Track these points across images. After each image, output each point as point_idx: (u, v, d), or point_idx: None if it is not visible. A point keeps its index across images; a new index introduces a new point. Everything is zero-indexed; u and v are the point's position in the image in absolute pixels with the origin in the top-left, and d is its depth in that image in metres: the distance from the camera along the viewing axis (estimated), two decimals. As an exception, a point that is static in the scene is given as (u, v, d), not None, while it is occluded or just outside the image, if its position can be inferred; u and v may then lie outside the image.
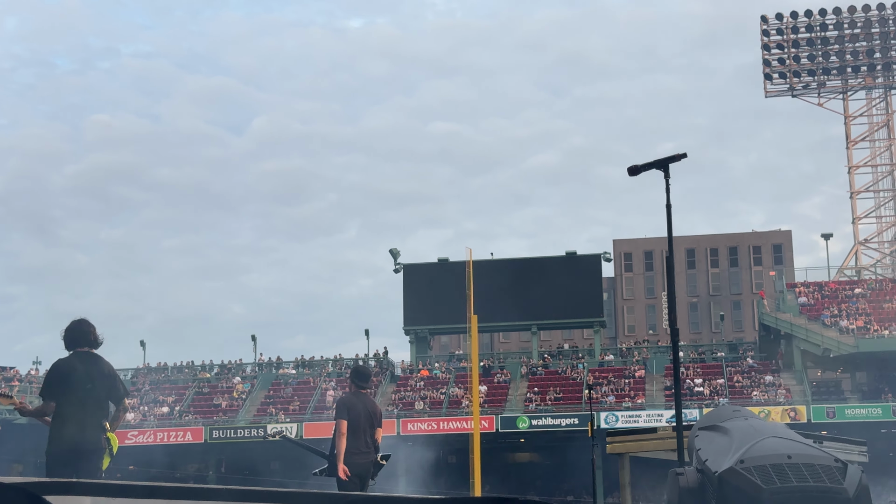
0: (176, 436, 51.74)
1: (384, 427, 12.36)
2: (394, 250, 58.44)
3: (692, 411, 45.56)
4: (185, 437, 51.64)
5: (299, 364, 58.88)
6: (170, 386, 57.44)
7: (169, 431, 52.01)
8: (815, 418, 47.20)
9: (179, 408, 54.66)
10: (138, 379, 58.50)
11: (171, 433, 51.89)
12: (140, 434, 51.85)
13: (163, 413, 54.20)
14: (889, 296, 53.59)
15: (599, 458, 15.69)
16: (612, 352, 59.59)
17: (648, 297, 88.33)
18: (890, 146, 64.75)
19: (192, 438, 51.52)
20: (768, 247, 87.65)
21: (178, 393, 56.38)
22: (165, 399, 55.55)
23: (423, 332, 58.15)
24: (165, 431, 52.01)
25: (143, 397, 55.95)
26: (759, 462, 5.29)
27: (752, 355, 56.05)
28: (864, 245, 65.06)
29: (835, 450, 10.89)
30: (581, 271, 56.28)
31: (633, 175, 9.20)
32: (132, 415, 53.87)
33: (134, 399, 55.84)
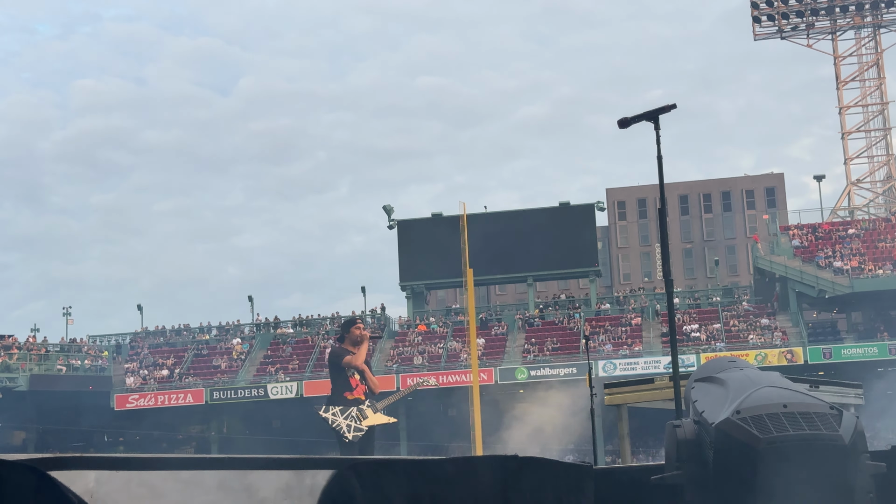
0: (177, 398, 51.97)
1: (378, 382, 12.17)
2: (387, 206, 58.41)
3: (689, 356, 45.83)
4: (186, 399, 51.87)
5: (297, 323, 59.03)
6: (168, 349, 57.60)
7: (170, 394, 52.22)
8: (812, 359, 47.49)
9: (179, 370, 54.85)
10: (137, 343, 58.65)
11: (172, 396, 52.12)
12: (141, 398, 52.08)
13: (163, 376, 54.40)
14: (882, 235, 53.72)
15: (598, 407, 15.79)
16: (609, 300, 59.77)
17: (643, 245, 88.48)
18: (880, 85, 64.63)
19: (192, 400, 51.75)
20: (761, 190, 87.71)
21: (178, 356, 56.56)
22: (165, 362, 55.72)
23: (420, 287, 58.27)
24: (166, 394, 52.24)
25: (143, 361, 56.12)
26: (755, 412, 5.33)
27: (747, 299, 56.28)
28: (856, 185, 65.14)
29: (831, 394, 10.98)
30: (575, 221, 56.32)
31: (623, 128, 9.19)
32: (132, 379, 54.09)
33: (133, 363, 56.04)
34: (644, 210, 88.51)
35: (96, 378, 54.63)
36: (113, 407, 52.08)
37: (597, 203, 57.57)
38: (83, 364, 55.43)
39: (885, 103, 64.52)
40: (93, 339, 59.25)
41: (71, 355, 55.85)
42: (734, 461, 5.31)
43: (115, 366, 55.95)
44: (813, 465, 5.18)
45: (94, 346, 58.10)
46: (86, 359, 55.95)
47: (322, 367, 52.98)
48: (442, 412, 54.52)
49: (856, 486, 5.34)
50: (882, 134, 64.91)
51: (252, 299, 61.48)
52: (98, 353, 57.03)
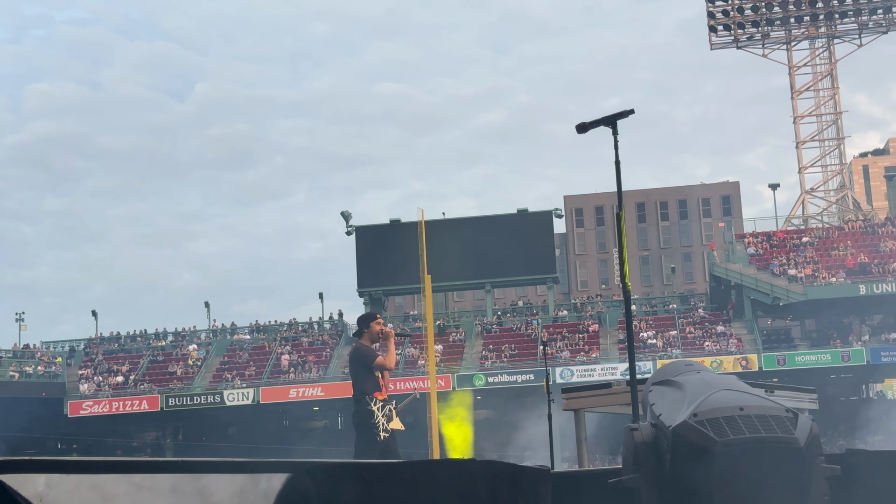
0: (132, 405, 51.49)
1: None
2: (345, 212, 58.25)
3: (646, 363, 46.03)
4: (141, 405, 51.41)
5: (254, 329, 58.72)
6: (123, 355, 57.07)
7: (124, 401, 51.74)
8: (767, 366, 47.87)
9: (134, 377, 54.35)
10: (91, 349, 58.07)
11: (127, 402, 51.64)
12: (95, 404, 51.55)
13: (117, 383, 53.87)
14: (836, 243, 54.31)
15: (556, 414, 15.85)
16: (566, 307, 59.98)
17: (600, 252, 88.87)
18: (834, 95, 65.33)
19: (147, 407, 51.30)
20: (717, 198, 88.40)
21: (133, 362, 56.05)
22: (119, 368, 55.20)
23: (378, 293, 58.14)
24: (121, 401, 51.74)
25: (97, 367, 55.56)
26: (711, 415, 5.35)
27: (703, 306, 56.66)
28: (810, 194, 65.79)
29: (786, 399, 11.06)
30: (533, 228, 56.45)
31: (581, 133, 9.20)
32: (86, 385, 53.53)
33: (88, 369, 55.46)
34: (601, 217, 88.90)
35: (50, 384, 54.01)
36: (67, 414, 51.51)
37: (554, 210, 57.73)
38: (36, 370, 54.76)
39: (839, 113, 65.24)
40: (46, 346, 58.58)
41: (24, 361, 55.15)
42: (691, 463, 5.31)
43: (69, 372, 55.34)
44: (768, 468, 5.20)
45: (48, 353, 57.42)
46: (39, 365, 55.27)
47: (279, 374, 52.74)
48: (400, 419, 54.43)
49: (811, 489, 5.37)
50: (835, 143, 65.62)
51: (208, 305, 61.14)
52: (52, 360, 56.37)
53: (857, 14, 63.29)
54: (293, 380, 52.04)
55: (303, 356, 54.20)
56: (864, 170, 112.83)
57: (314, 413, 56.47)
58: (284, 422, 57.29)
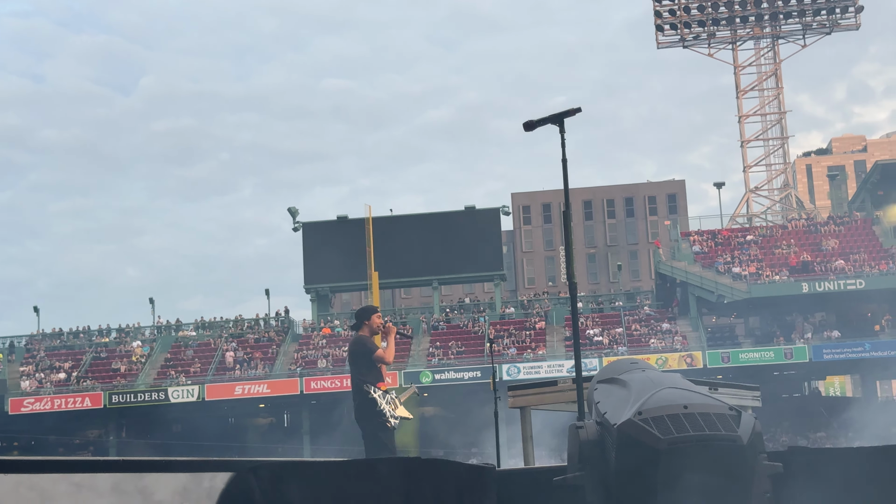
0: (74, 402, 50.84)
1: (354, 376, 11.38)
2: (292, 209, 57.99)
3: (592, 361, 46.30)
4: (84, 402, 50.78)
5: (199, 326, 58.27)
6: (66, 352, 56.37)
7: (67, 398, 51.07)
8: (711, 363, 48.33)
9: (77, 373, 53.69)
10: (33, 345, 57.30)
11: (70, 399, 50.97)
12: (37, 401, 50.86)
13: (60, 379, 53.20)
14: (779, 242, 54.95)
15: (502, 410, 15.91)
16: (513, 304, 60.16)
17: (547, 250, 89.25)
18: (778, 95, 66.11)
19: (91, 404, 50.68)
20: (663, 196, 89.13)
21: (75, 358, 55.38)
22: (62, 365, 54.51)
23: (325, 290, 57.96)
24: (63, 398, 51.07)
25: (39, 364, 54.81)
26: (656, 413, 5.37)
27: (649, 304, 57.09)
28: (754, 193, 66.55)
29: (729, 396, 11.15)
30: (480, 225, 56.56)
31: (528, 131, 9.21)
32: (28, 382, 52.81)
33: (29, 366, 54.71)
34: (549, 215, 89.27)
35: (-10, 381, 53.22)
36: (7, 411, 50.76)
37: (502, 207, 57.88)
38: (-24, 367, 53.96)
39: (783, 113, 66.03)
40: (-13, 342, 57.74)
41: (-36, 358, 54.34)
42: (635, 461, 5.34)
43: (10, 369, 54.54)
44: (712, 466, 5.23)
45: (-11, 349, 56.61)
46: (-21, 361, 54.49)
47: (224, 371, 52.37)
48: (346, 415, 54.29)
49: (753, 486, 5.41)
50: (780, 143, 66.42)
51: (153, 301, 60.54)
52: (-8, 356, 55.57)
53: (801, 15, 64.10)
54: (239, 377, 51.71)
55: (249, 353, 53.89)
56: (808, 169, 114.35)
57: (260, 410, 56.17)
58: (230, 419, 56.93)
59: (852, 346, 49.08)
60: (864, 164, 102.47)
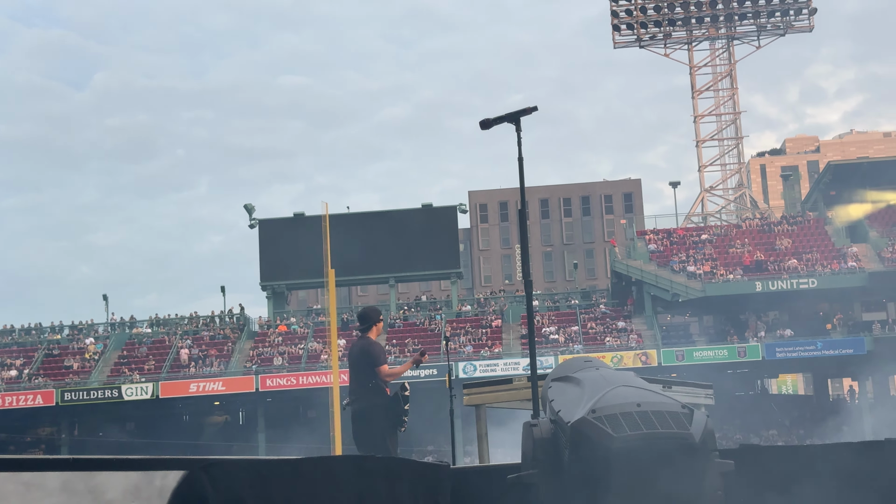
0: (26, 399, 50.29)
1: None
2: (248, 205, 57.70)
3: (548, 359, 46.46)
4: (36, 400, 50.24)
5: (154, 323, 57.81)
6: (18, 349, 55.73)
7: (18, 395, 50.51)
8: (666, 361, 48.66)
9: (29, 371, 53.12)
10: (-16, 343, 56.60)
11: (21, 397, 50.42)
12: (-12, 399, 50.27)
13: (11, 377, 52.60)
14: (733, 241, 55.42)
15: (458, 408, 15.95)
16: (469, 302, 60.21)
17: (504, 248, 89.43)
18: (733, 95, 66.68)
19: (42, 401, 50.15)
20: (619, 196, 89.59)
21: (27, 355, 54.77)
22: (13, 362, 53.90)
23: (281, 287, 57.73)
24: (14, 395, 50.51)
25: (-10, 361, 54.19)
26: (609, 411, 5.40)
27: (604, 302, 57.37)
28: (709, 192, 67.09)
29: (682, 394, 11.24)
30: (437, 223, 56.58)
31: (485, 129, 9.22)
32: (-21, 380, 52.18)
33: (-20, 363, 54.06)
34: (505, 213, 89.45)
35: (-60, 379, 52.52)
36: (-43, 408, 50.15)
37: (459, 205, 57.93)
38: (-74, 364, 53.22)
39: (738, 113, 66.62)
40: (-63, 339, 56.94)
41: (-87, 355, 53.56)
42: (589, 459, 5.36)
43: (-39, 366, 53.87)
44: (664, 463, 5.26)
45: (-61, 346, 55.83)
46: (-71, 359, 53.74)
47: (179, 369, 52.02)
48: (302, 413, 54.09)
49: (705, 484, 5.45)
50: (734, 143, 67.01)
51: (107, 298, 59.99)
52: (-58, 353, 54.82)
53: (756, 17, 64.71)
54: (194, 374, 51.38)
55: (204, 350, 53.55)
56: (762, 169, 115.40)
57: (215, 408, 55.85)
58: (184, 416, 56.57)
59: (804, 345, 49.61)
60: (818, 165, 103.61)
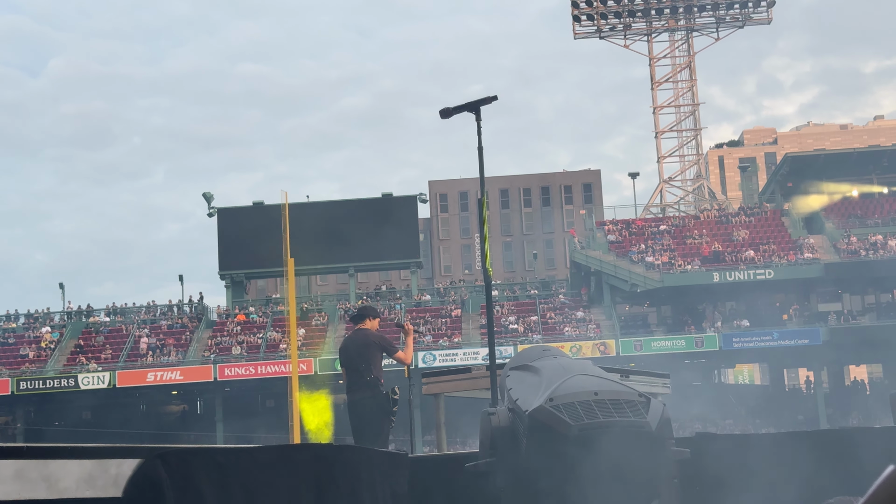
0: (-20, 388, 49.75)
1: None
2: (207, 194, 57.36)
3: (507, 348, 46.57)
4: (-9, 389, 49.72)
5: (111, 312, 57.36)
6: (-28, 338, 55.12)
7: (-27, 384, 49.95)
8: (624, 351, 48.91)
9: (-17, 360, 52.53)
10: (-62, 331, 55.90)
11: (-24, 386, 49.86)
12: (-59, 388, 49.65)
13: (-35, 366, 52.01)
14: (691, 231, 55.79)
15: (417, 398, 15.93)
16: (429, 292, 60.23)
17: (464, 238, 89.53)
18: (692, 87, 67.07)
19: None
20: (578, 186, 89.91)
21: (-18, 345, 54.19)
22: (-32, 351, 53.31)
23: (240, 276, 57.47)
24: (-31, 385, 49.94)
25: (-56, 350, 53.56)
26: (567, 399, 5.43)
27: (564, 292, 57.57)
28: (668, 183, 67.47)
29: (640, 384, 11.30)
30: (397, 213, 56.53)
31: (444, 118, 9.23)
32: (-68, 369, 51.53)
33: (-66, 352, 53.41)
34: (465, 203, 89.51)
35: None
36: (-89, 398, 49.52)
37: (419, 195, 57.90)
38: None
39: (696, 105, 67.02)
40: None
41: None
42: (546, 447, 5.38)
43: (-86, 355, 53.20)
44: (621, 451, 5.30)
45: None
46: None
47: (136, 358, 51.66)
48: (260, 403, 53.92)
49: (661, 471, 5.50)
50: (693, 134, 67.41)
51: (63, 286, 59.45)
52: None
53: (714, 8, 65.10)
54: (151, 363, 51.05)
55: (162, 339, 53.22)
56: (720, 160, 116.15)
57: (173, 397, 55.55)
58: (142, 406, 56.20)
59: (761, 335, 50.03)
60: (775, 157, 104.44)
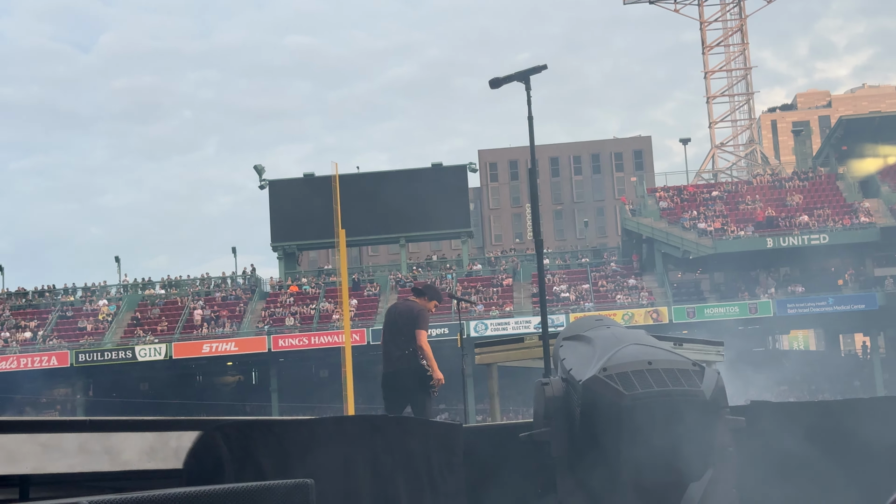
0: (41, 361, 50.59)
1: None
2: (258, 166, 57.70)
3: (559, 317, 46.53)
4: (51, 361, 50.55)
5: (166, 284, 58.01)
6: (31, 311, 56.02)
7: (33, 357, 50.83)
8: (677, 318, 48.68)
9: (43, 332, 53.42)
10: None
11: (36, 358, 50.72)
12: (2, 360, 50.59)
13: (25, 339, 52.91)
14: (744, 197, 55.25)
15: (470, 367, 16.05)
16: (480, 261, 60.24)
17: (514, 206, 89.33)
18: (744, 51, 66.21)
19: (57, 363, 50.46)
20: (629, 153, 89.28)
21: (41, 318, 55.06)
22: (27, 324, 54.21)
23: (291, 247, 57.81)
24: (29, 357, 50.82)
25: (5, 323, 54.50)
26: (620, 369, 5.43)
27: (615, 260, 57.34)
28: (720, 148, 66.80)
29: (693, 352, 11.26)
30: (447, 182, 56.51)
31: (494, 88, 9.21)
32: (-7, 342, 52.50)
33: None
34: (515, 172, 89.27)
35: (-45, 341, 52.83)
36: (-27, 370, 50.49)
37: (469, 164, 57.82)
38: (-59, 327, 53.52)
39: (748, 68, 66.18)
40: (-49, 302, 57.22)
41: (-73, 318, 53.84)
42: (600, 417, 5.40)
43: (-25, 328, 54.17)
44: (675, 420, 5.30)
45: (-47, 309, 56.11)
46: (-57, 321, 54.05)
47: (192, 329, 52.27)
48: (314, 373, 54.37)
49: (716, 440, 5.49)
50: (745, 98, 66.61)
51: (119, 260, 60.24)
52: (-44, 316, 55.11)
53: (767, -29, 64.13)
54: (206, 335, 51.62)
55: (216, 311, 53.76)
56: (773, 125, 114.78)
57: (228, 368, 56.15)
58: (198, 377, 56.88)
59: (816, 301, 49.55)
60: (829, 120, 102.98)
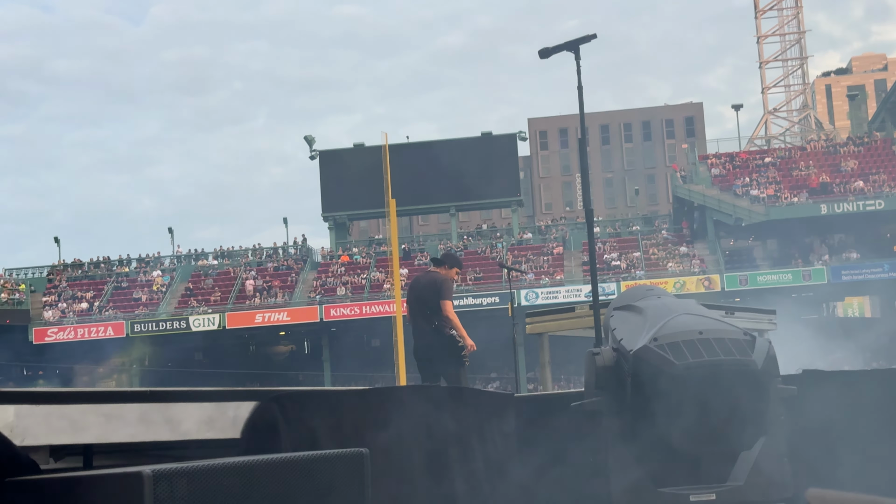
0: (97, 331, 51.38)
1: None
2: (309, 137, 57.91)
3: (610, 285, 46.40)
4: (107, 332, 51.32)
5: (219, 255, 58.54)
6: (88, 282, 56.82)
7: (90, 327, 51.61)
8: (729, 286, 48.37)
9: (99, 303, 54.20)
10: (55, 276, 57.73)
11: (92, 329, 51.51)
12: (60, 331, 51.43)
13: (82, 309, 53.72)
14: (798, 163, 54.64)
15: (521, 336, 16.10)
16: (530, 230, 60.16)
17: (564, 175, 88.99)
18: (797, 14, 65.30)
19: (113, 333, 51.22)
20: (680, 120, 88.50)
21: (97, 289, 55.84)
22: (84, 295, 55.01)
23: (342, 217, 58.07)
24: (86, 327, 51.62)
25: (61, 294, 55.35)
26: (671, 339, 5.45)
27: (666, 228, 57.01)
28: (773, 114, 66.07)
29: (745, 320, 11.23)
30: (497, 151, 56.41)
31: (544, 58, 9.21)
32: (51, 312, 53.36)
33: (52, 296, 55.26)
34: (566, 140, 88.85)
35: (13, 312, 53.72)
36: (32, 341, 51.38)
37: (518, 133, 57.66)
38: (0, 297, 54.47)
39: (802, 32, 65.27)
40: (9, 273, 58.16)
41: (-13, 289, 54.82)
42: (651, 387, 5.42)
43: (33, 299, 55.07)
44: (727, 390, 5.31)
45: (11, 280, 57.02)
46: (2, 292, 54.97)
47: (244, 300, 52.78)
48: (366, 343, 54.71)
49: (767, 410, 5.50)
50: (799, 63, 65.75)
51: (172, 231, 60.87)
52: (15, 287, 56.01)
53: (820, -67, 63.07)
54: (259, 305, 52.10)
55: (268, 281, 54.22)
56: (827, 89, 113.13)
57: (280, 338, 56.68)
58: (251, 347, 57.49)
59: (871, 267, 49.00)
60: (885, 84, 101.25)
